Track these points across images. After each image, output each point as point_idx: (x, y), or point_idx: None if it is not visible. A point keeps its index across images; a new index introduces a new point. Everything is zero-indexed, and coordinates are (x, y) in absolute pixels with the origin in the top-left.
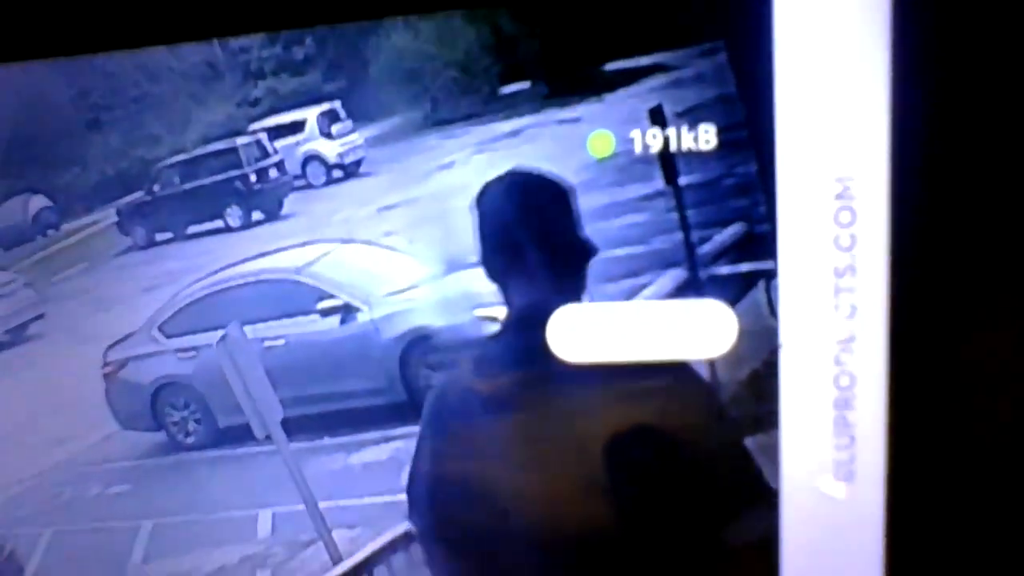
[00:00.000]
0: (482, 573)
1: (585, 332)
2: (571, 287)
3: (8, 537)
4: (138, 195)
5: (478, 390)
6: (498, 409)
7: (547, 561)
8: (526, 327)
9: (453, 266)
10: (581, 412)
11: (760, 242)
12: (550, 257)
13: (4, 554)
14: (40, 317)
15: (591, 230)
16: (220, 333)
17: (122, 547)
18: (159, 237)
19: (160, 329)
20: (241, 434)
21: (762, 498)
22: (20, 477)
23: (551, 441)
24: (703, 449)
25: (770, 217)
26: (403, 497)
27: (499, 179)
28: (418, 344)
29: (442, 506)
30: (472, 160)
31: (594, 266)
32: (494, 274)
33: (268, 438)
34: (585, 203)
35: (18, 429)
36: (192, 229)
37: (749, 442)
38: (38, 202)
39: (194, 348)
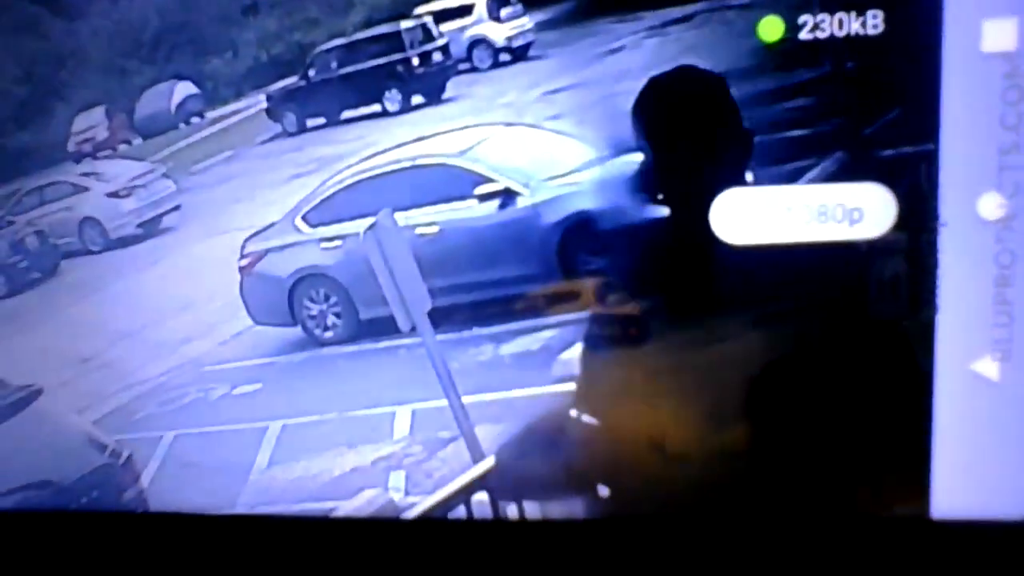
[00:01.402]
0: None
1: (749, 214)
2: (737, 177)
3: (127, 442)
4: (292, 80)
5: (641, 273)
6: (659, 294)
7: (698, 447)
8: (691, 212)
9: (618, 149)
10: (744, 300)
11: (923, 124)
12: (717, 150)
13: (122, 459)
14: (176, 208)
15: (760, 114)
16: (369, 221)
17: (248, 451)
18: (311, 123)
19: (304, 218)
20: (384, 327)
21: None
22: (143, 378)
23: (712, 326)
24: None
25: (935, 98)
26: (553, 388)
27: (659, 78)
28: (579, 229)
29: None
30: (642, 44)
31: (761, 148)
32: (656, 171)
33: (413, 330)
34: (754, 87)
35: (143, 328)
36: (347, 114)
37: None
38: (184, 89)
39: (340, 237)
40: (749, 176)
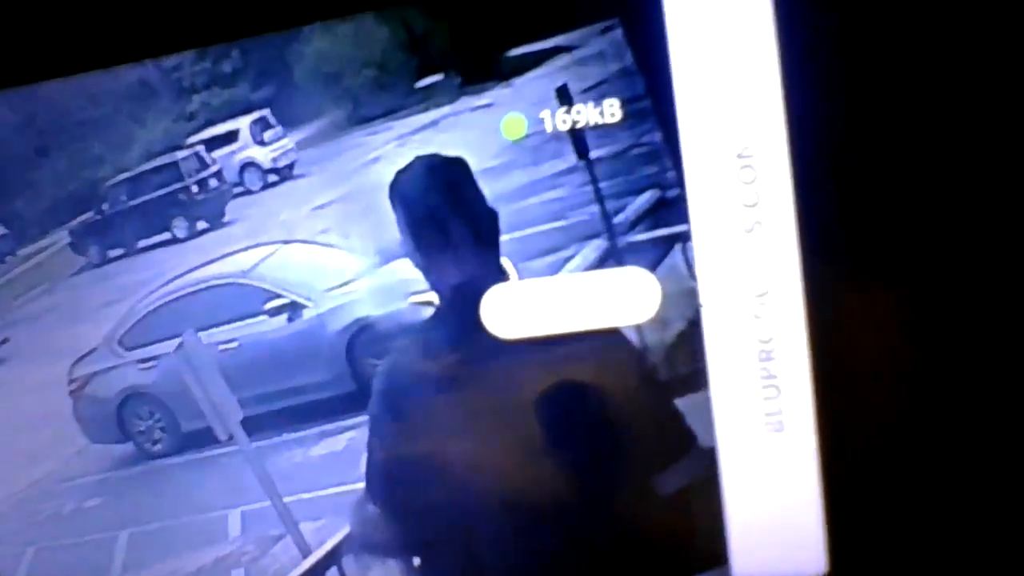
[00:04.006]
0: (443, 545)
1: (515, 309)
2: (490, 257)
3: None
4: (89, 215)
5: (419, 371)
6: (440, 387)
7: (501, 525)
8: (459, 308)
9: (387, 256)
10: (519, 382)
11: (673, 206)
12: (466, 228)
13: None
14: (5, 341)
15: (512, 209)
16: (177, 341)
17: (102, 559)
18: (112, 253)
19: (120, 342)
20: (205, 437)
21: (690, 450)
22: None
23: (495, 412)
24: (633, 408)
25: (679, 182)
26: (362, 485)
27: (404, 168)
28: (362, 334)
29: (398, 486)
30: (395, 152)
31: (518, 243)
32: (419, 259)
33: (231, 438)
34: (504, 184)
35: None
36: (142, 243)
37: (680, 402)
38: None
39: (154, 358)
40: (505, 262)
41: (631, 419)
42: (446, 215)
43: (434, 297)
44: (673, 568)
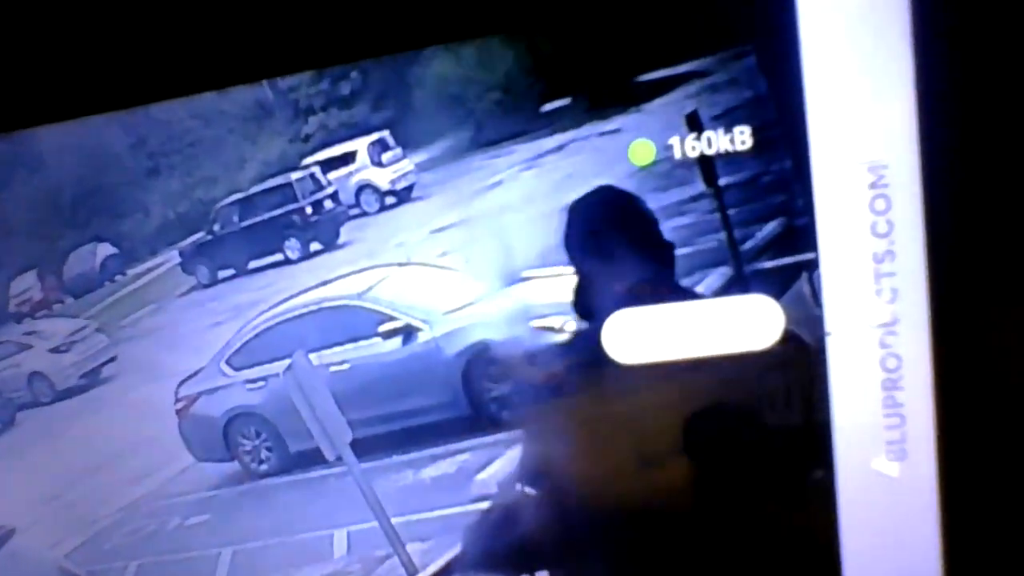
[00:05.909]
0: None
1: (638, 334)
2: (670, 283)
3: (97, 572)
4: (199, 235)
5: (545, 394)
6: (561, 410)
7: (619, 547)
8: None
9: (508, 280)
10: (639, 405)
11: (800, 235)
12: (648, 258)
13: None
14: (112, 359)
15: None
16: (286, 362)
17: (205, 575)
18: (222, 274)
19: (228, 362)
20: (312, 458)
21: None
22: (105, 513)
23: (615, 434)
24: (751, 434)
25: (808, 210)
26: (472, 508)
27: (587, 196)
28: (479, 358)
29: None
30: (519, 177)
31: None
32: (588, 285)
33: (339, 459)
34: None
35: (100, 468)
36: (253, 264)
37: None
38: (104, 250)
39: (262, 378)
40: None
41: (748, 445)
42: (626, 244)
43: (556, 322)
44: None
